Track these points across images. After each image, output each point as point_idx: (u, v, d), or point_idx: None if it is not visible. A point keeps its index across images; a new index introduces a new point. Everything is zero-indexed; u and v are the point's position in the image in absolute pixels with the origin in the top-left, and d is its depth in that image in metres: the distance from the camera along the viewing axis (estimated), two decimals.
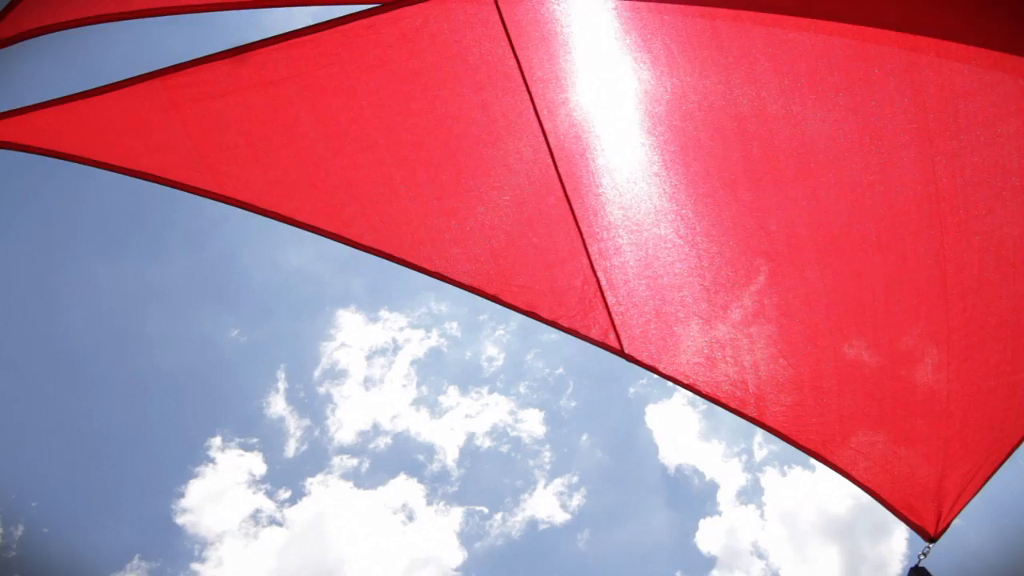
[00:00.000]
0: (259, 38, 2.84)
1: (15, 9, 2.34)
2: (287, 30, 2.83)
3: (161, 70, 2.77)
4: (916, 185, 2.61)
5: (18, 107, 2.59)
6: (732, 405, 3.09)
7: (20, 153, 2.70)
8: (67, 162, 2.87)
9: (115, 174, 2.88)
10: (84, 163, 2.75)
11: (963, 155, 2.52)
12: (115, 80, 2.68)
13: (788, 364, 3.02)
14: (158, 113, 2.78)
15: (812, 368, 3.06)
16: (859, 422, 3.06)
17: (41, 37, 2.48)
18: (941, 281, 2.74)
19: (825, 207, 2.81)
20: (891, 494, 3.14)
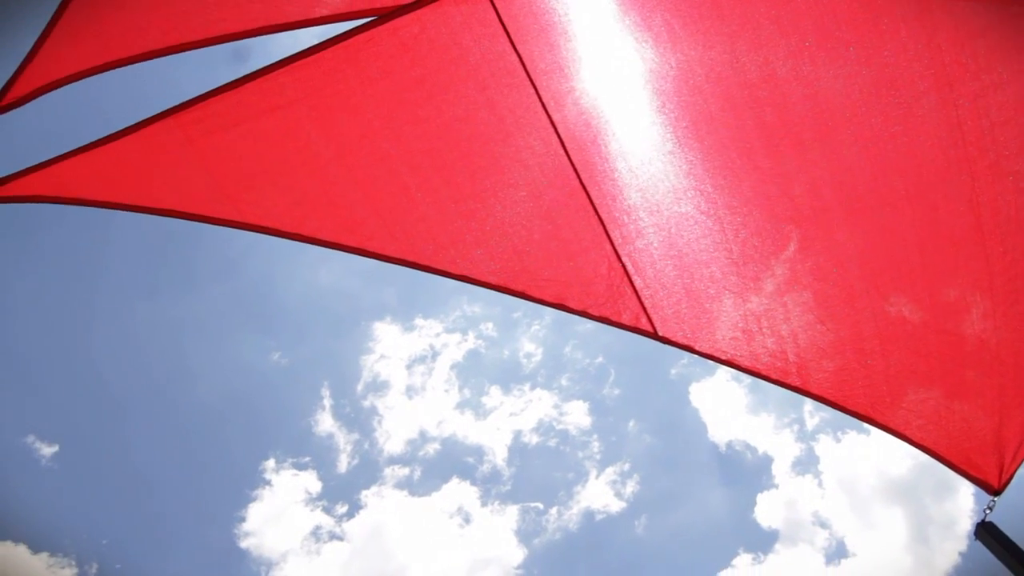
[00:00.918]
0: (263, 63, 2.88)
1: (27, 69, 2.42)
2: (290, 52, 2.88)
3: (173, 108, 2.83)
4: (940, 132, 2.53)
5: (42, 160, 2.67)
6: (774, 377, 3.05)
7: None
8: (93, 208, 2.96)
9: (140, 214, 2.95)
10: (110, 207, 2.83)
11: (985, 95, 2.44)
12: (129, 123, 2.74)
13: (827, 329, 2.96)
14: (175, 150, 2.84)
15: (852, 331, 3.00)
16: (907, 380, 2.98)
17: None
18: (977, 227, 2.66)
19: (848, 165, 2.75)
20: (949, 450, 3.06)
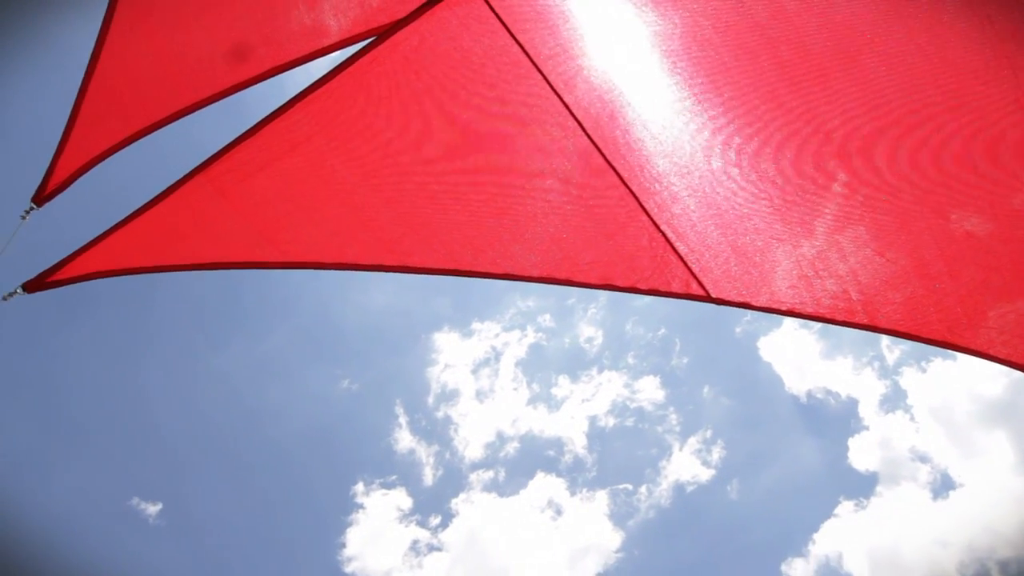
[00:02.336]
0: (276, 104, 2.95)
1: (60, 158, 2.54)
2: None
3: (200, 165, 2.92)
4: (971, 32, 2.39)
5: (88, 241, 2.80)
6: (840, 319, 2.94)
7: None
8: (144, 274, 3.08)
9: (188, 272, 3.06)
10: (159, 271, 2.94)
11: None
12: (159, 189, 2.84)
13: (887, 260, 2.84)
14: (209, 205, 2.94)
15: (915, 257, 2.86)
16: (983, 297, 2.84)
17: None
18: None
19: (879, 88, 2.63)
20: None
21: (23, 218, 2.81)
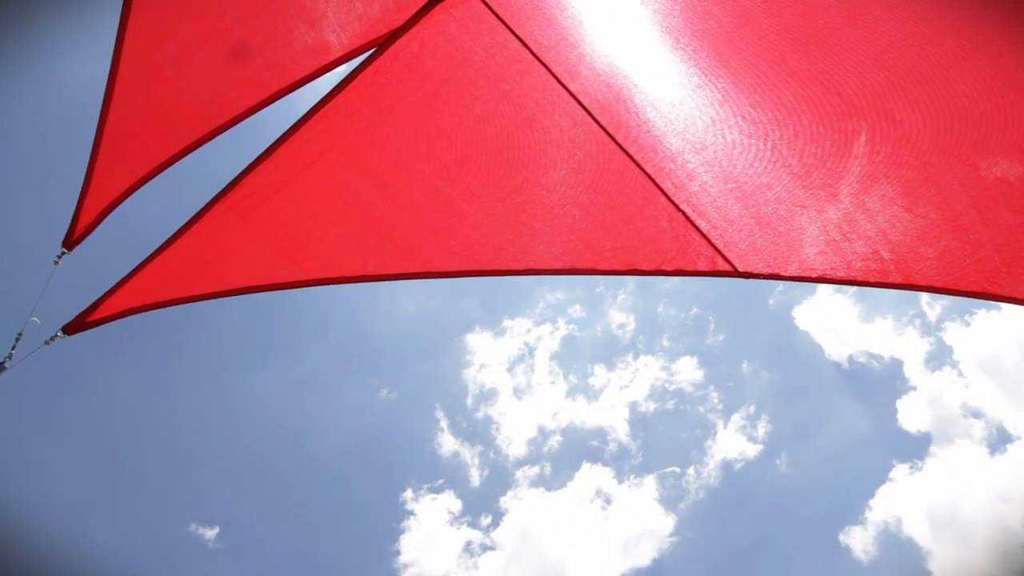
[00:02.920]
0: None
1: (85, 202, 2.60)
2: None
3: (220, 193, 2.97)
4: None
5: (121, 277, 2.87)
6: (873, 280, 2.87)
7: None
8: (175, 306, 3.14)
9: (219, 299, 3.11)
10: (189, 301, 3.00)
11: None
12: (182, 221, 2.90)
13: (916, 216, 2.76)
14: (231, 231, 2.98)
15: (944, 209, 2.79)
16: (1020, 242, 2.75)
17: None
18: None
19: (890, 41, 2.56)
20: None
21: (56, 263, 2.89)
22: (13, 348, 2.72)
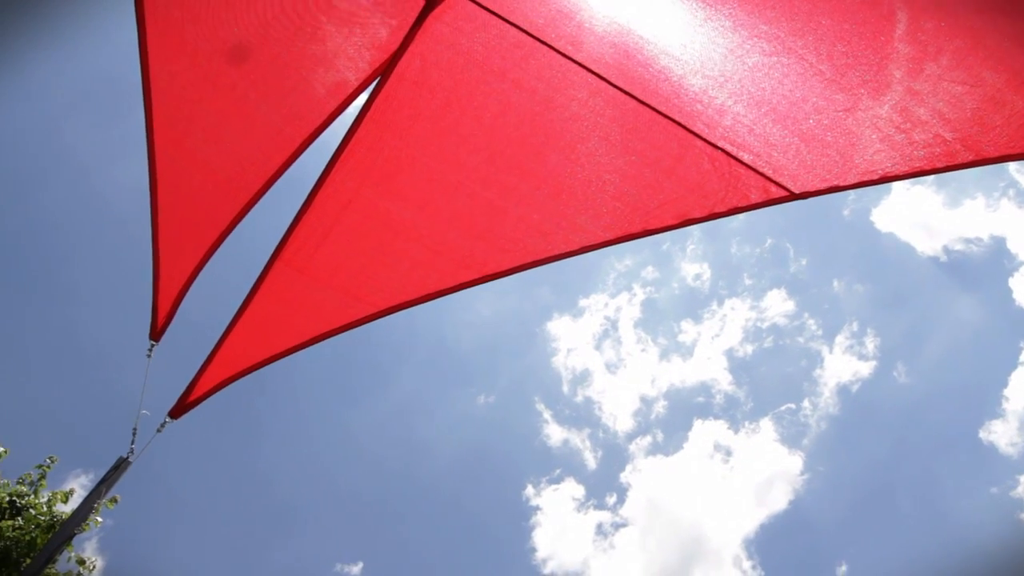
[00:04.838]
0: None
1: (159, 297, 2.75)
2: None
3: (274, 253, 3.09)
4: None
5: (208, 354, 3.03)
6: (942, 165, 2.70)
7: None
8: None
9: (310, 349, 3.24)
10: (274, 361, 3.13)
11: None
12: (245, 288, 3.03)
13: (972, 86, 2.57)
14: (294, 285, 3.10)
15: (1002, 69, 2.58)
16: None
17: None
18: None
19: None
20: None
21: (148, 356, 3.08)
22: (132, 443, 2.91)
